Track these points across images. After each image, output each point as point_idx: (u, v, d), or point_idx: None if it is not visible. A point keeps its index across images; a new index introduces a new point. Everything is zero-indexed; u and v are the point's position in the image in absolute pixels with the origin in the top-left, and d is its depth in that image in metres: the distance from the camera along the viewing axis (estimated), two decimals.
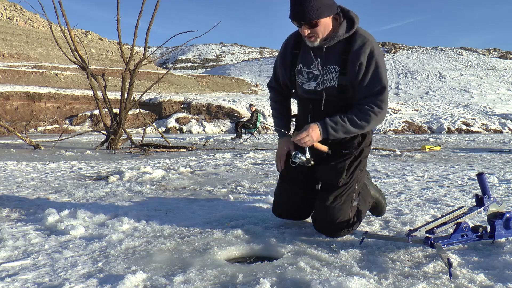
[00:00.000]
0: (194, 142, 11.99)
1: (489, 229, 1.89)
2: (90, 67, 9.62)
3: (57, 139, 10.05)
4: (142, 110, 17.03)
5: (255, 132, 14.21)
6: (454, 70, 54.40)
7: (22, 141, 10.06)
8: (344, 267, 1.63)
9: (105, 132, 9.67)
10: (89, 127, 21.23)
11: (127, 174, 4.36)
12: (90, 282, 1.50)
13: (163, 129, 21.00)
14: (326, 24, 1.92)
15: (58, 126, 21.32)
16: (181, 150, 8.81)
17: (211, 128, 22.00)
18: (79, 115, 22.49)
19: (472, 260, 1.71)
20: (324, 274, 1.55)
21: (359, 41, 1.97)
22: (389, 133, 20.10)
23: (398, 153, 7.55)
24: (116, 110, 9.50)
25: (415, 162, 6.00)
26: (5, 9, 60.22)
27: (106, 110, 9.71)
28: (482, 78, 49.53)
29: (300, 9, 1.85)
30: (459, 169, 5.12)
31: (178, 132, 21.45)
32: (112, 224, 2.29)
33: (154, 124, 20.22)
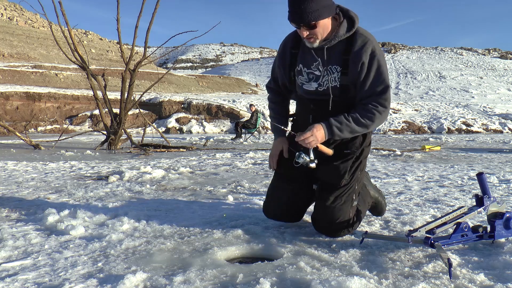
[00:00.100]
0: (194, 142, 11.99)
1: (489, 229, 1.89)
2: (90, 67, 9.62)
3: (57, 139, 10.05)
4: (142, 110, 17.03)
5: (255, 132, 14.21)
6: (454, 70, 54.40)
7: (22, 141, 10.06)
8: (344, 267, 1.63)
9: (105, 132, 9.67)
10: (89, 127, 21.22)
11: (127, 174, 4.36)
12: (90, 282, 1.50)
13: (163, 129, 21.00)
14: (325, 25, 1.91)
15: (58, 126, 21.32)
16: (181, 150, 8.81)
17: (211, 128, 22.00)
18: (79, 115, 22.49)
19: (472, 260, 1.71)
20: (324, 274, 1.55)
21: (360, 40, 1.96)
22: (389, 133, 20.10)
23: (398, 153, 7.55)
24: (116, 110, 9.50)
25: (415, 162, 6.00)
26: (5, 9, 60.22)
27: (106, 110, 9.71)
28: (482, 78, 49.52)
29: (298, 11, 1.84)
30: (459, 169, 5.12)
31: (178, 132, 21.45)
32: (112, 224, 2.29)
33: (154, 124, 20.22)
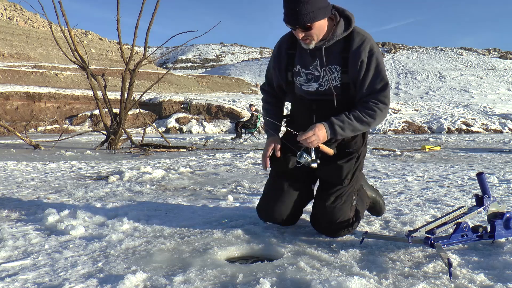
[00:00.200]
0: (194, 142, 11.99)
1: (489, 229, 1.89)
2: (90, 67, 9.62)
3: (57, 139, 10.05)
4: (142, 110, 17.03)
5: (255, 132, 14.22)
6: (454, 70, 54.41)
7: (22, 141, 10.06)
8: (344, 267, 1.63)
9: (105, 132, 9.67)
10: (89, 127, 21.23)
11: (127, 174, 4.36)
12: (90, 282, 1.50)
13: (163, 129, 21.00)
14: (321, 26, 1.91)
15: (58, 126, 21.32)
16: (181, 150, 8.81)
17: (211, 128, 22.00)
18: (79, 115, 22.49)
19: (472, 260, 1.71)
20: (324, 274, 1.55)
21: (358, 39, 1.97)
22: (389, 133, 20.10)
23: (398, 153, 7.55)
24: (116, 110, 9.50)
25: (415, 162, 6.00)
26: (5, 9, 60.23)
27: (106, 110, 9.71)
28: (482, 78, 49.54)
29: (293, 13, 1.83)
30: (459, 169, 5.12)
31: (178, 132, 21.45)
32: (112, 224, 2.29)
33: (154, 124, 20.22)
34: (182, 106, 23.25)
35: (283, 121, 2.28)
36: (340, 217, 1.99)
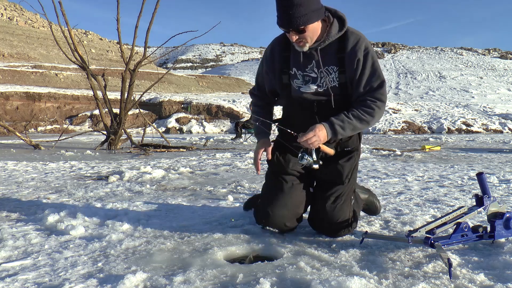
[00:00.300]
0: (194, 142, 11.99)
1: (489, 229, 1.89)
2: (90, 67, 9.62)
3: (57, 139, 10.05)
4: (142, 110, 17.04)
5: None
6: (454, 70, 54.43)
7: (22, 141, 10.06)
8: (344, 267, 1.63)
9: (105, 132, 9.67)
10: (89, 127, 21.23)
11: (127, 174, 4.36)
12: (90, 282, 1.50)
13: (163, 129, 21.00)
14: (315, 28, 1.90)
15: (58, 126, 21.32)
16: (181, 150, 8.81)
17: (211, 128, 22.00)
18: (79, 115, 22.49)
19: (472, 260, 1.71)
20: (324, 274, 1.55)
21: (353, 38, 1.98)
22: (389, 133, 20.10)
23: (398, 153, 7.55)
24: (116, 110, 9.50)
25: (415, 162, 6.00)
26: (5, 9, 60.25)
27: (106, 110, 9.71)
28: (482, 78, 49.55)
29: (287, 16, 1.82)
30: (459, 169, 5.12)
31: (178, 132, 21.45)
32: (112, 224, 2.29)
33: (154, 124, 20.22)
34: (182, 106, 23.25)
35: (275, 125, 2.27)
36: (340, 217, 2.00)
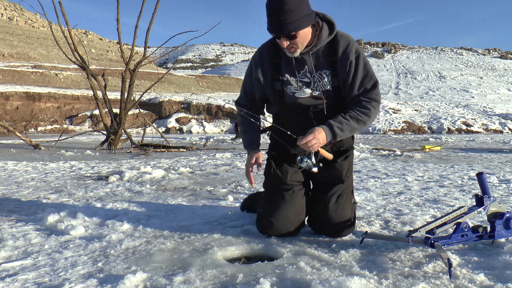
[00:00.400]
0: (194, 142, 11.99)
1: (489, 229, 1.89)
2: (90, 67, 9.62)
3: (57, 139, 10.06)
4: (142, 110, 17.04)
5: None
6: (454, 70, 54.43)
7: (22, 141, 10.06)
8: (344, 267, 1.63)
9: (105, 132, 9.67)
10: (89, 127, 21.23)
11: (127, 174, 4.36)
12: (90, 282, 1.50)
13: (163, 129, 21.00)
14: (305, 34, 1.89)
15: (58, 126, 21.33)
16: (181, 150, 8.81)
17: (211, 128, 22.00)
18: (79, 115, 22.50)
19: (472, 260, 1.71)
20: (324, 274, 1.55)
21: (343, 41, 1.98)
22: (389, 133, 20.10)
23: (398, 153, 7.55)
24: (116, 110, 9.50)
25: (415, 162, 6.00)
26: (5, 9, 60.25)
27: (106, 110, 9.72)
28: (482, 78, 49.55)
29: (277, 22, 1.80)
30: (459, 169, 5.12)
31: (178, 132, 21.45)
32: (112, 224, 2.29)
33: (154, 124, 20.22)
34: (183, 106, 23.26)
35: (267, 132, 2.26)
36: (343, 216, 2.00)
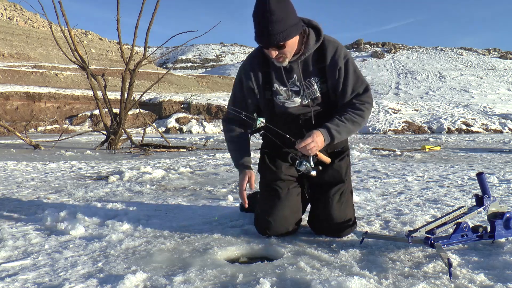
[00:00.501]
0: (194, 142, 12.00)
1: (489, 229, 1.89)
2: (90, 67, 9.62)
3: (57, 139, 10.06)
4: (142, 110, 17.04)
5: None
6: (454, 70, 54.45)
7: (22, 141, 10.06)
8: (344, 267, 1.63)
9: (105, 132, 9.67)
10: (89, 127, 21.23)
11: (127, 174, 4.36)
12: (90, 282, 1.50)
13: (163, 129, 21.01)
14: (293, 43, 1.88)
15: (58, 126, 21.33)
16: (181, 150, 8.81)
17: (211, 128, 22.00)
18: (79, 115, 22.50)
19: (472, 260, 1.71)
20: (324, 274, 1.55)
21: (331, 47, 1.98)
22: (389, 133, 20.11)
23: (398, 153, 7.55)
24: (116, 110, 9.51)
25: (415, 162, 6.00)
26: (5, 9, 60.28)
27: (106, 110, 9.72)
28: (482, 78, 49.57)
29: (265, 33, 1.77)
30: (459, 169, 5.12)
31: (178, 132, 21.45)
32: (112, 224, 2.29)
33: (154, 124, 20.22)
34: (183, 106, 23.26)
35: (260, 133, 2.25)
36: (344, 216, 2.01)
